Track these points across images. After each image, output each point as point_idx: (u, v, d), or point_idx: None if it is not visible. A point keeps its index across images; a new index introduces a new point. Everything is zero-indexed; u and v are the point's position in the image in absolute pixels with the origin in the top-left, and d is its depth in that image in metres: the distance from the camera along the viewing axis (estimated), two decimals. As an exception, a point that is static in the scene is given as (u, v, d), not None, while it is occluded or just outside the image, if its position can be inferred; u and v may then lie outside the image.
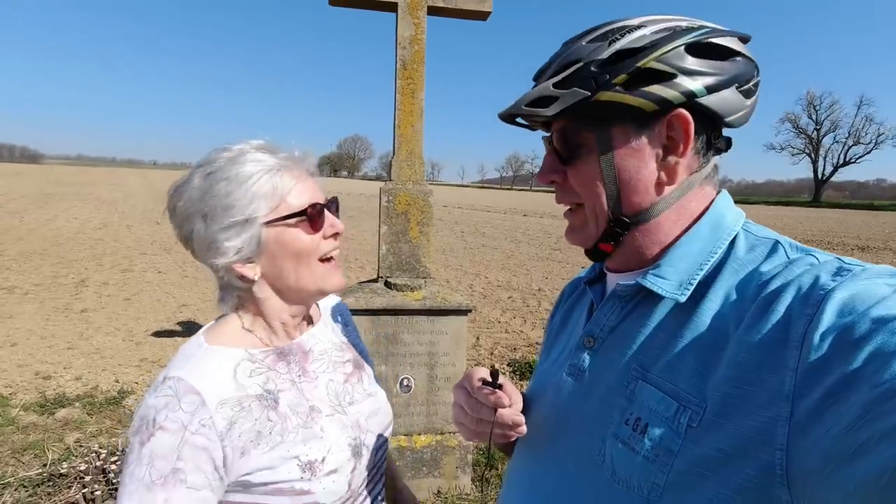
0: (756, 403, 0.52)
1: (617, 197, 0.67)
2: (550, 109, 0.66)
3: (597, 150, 0.67)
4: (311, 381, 0.91)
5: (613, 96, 0.63)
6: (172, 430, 0.72)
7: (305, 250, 0.85)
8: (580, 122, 0.67)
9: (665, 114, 0.64)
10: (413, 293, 2.85)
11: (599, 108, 0.64)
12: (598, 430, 0.67)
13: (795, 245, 0.64)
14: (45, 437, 3.49)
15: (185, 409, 0.73)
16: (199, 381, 0.76)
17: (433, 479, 2.91)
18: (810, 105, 78.26)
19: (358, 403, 0.97)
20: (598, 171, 0.67)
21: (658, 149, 0.66)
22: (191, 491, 0.71)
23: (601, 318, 0.74)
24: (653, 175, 0.67)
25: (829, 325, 0.50)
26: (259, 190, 0.80)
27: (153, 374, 4.68)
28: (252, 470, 0.78)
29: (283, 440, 0.81)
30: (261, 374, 0.84)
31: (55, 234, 12.21)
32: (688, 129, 0.64)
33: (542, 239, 16.77)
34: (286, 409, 0.84)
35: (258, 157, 0.83)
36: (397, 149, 2.98)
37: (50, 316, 6.17)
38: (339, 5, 2.98)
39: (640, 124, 0.65)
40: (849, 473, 0.43)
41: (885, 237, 20.56)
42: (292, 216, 0.83)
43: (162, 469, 0.70)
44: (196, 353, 0.82)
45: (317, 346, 0.97)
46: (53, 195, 23.45)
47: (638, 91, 0.62)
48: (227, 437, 0.75)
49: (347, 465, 0.86)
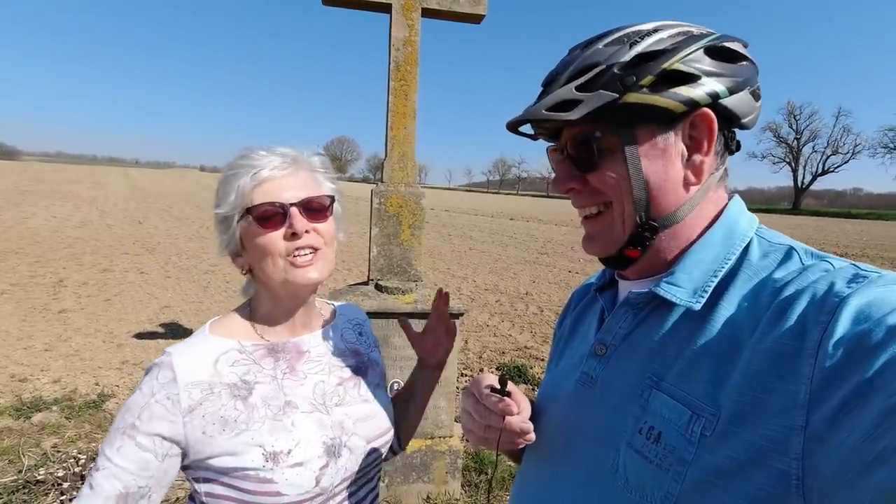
0: (771, 412, 0.51)
1: (647, 200, 0.66)
2: (574, 113, 0.64)
3: (622, 152, 0.65)
4: (297, 380, 0.95)
5: (642, 98, 0.62)
6: (144, 393, 0.84)
7: (263, 247, 0.89)
8: (601, 126, 0.66)
9: (689, 114, 0.64)
10: (404, 296, 2.83)
11: (626, 110, 0.63)
12: (611, 439, 0.66)
13: (810, 251, 0.63)
14: (21, 442, 3.38)
15: (159, 380, 0.84)
16: (180, 361, 0.86)
17: (423, 485, 2.88)
18: (791, 115, 79.96)
19: (347, 406, 0.99)
20: (626, 173, 0.66)
21: (682, 148, 0.66)
22: (136, 449, 0.81)
23: (613, 325, 0.73)
24: (679, 175, 0.66)
25: (844, 333, 0.49)
26: (234, 188, 0.88)
27: (135, 376, 4.57)
28: (217, 453, 0.84)
29: (248, 428, 0.86)
30: (243, 365, 0.91)
31: (32, 233, 11.89)
32: (712, 128, 0.65)
33: (530, 243, 16.85)
34: (258, 400, 0.89)
35: (251, 157, 0.89)
36: (389, 151, 2.96)
37: (27, 316, 6.00)
38: (332, 5, 2.96)
39: (665, 125, 0.65)
40: (866, 483, 0.43)
41: (862, 245, 21.08)
42: (245, 214, 0.88)
43: (126, 421, 0.82)
44: (195, 338, 0.92)
45: (316, 348, 1.01)
46: (31, 192, 22.87)
47: (666, 92, 0.62)
48: (189, 415, 0.83)
49: (316, 461, 0.88)
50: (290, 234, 0.89)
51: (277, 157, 0.90)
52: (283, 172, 0.90)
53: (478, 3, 2.97)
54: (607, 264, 0.75)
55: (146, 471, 0.81)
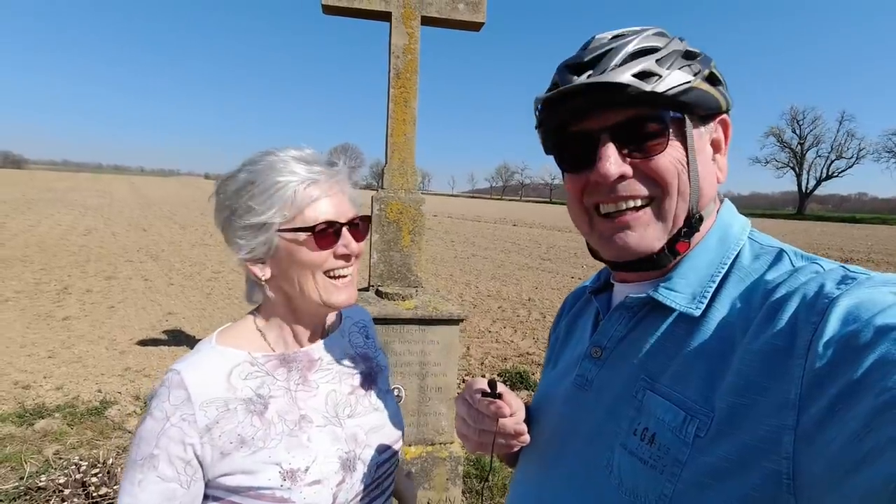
0: (762, 412, 0.52)
1: (699, 189, 0.66)
2: (660, 85, 0.60)
3: (682, 138, 0.65)
4: (309, 391, 0.91)
5: (708, 88, 0.64)
6: (157, 419, 0.78)
7: (310, 264, 0.86)
8: (657, 110, 0.63)
9: (717, 116, 0.68)
10: (404, 302, 2.83)
11: (688, 95, 0.62)
12: (606, 440, 0.66)
13: (800, 253, 0.64)
14: (23, 449, 3.39)
15: (172, 401, 0.79)
16: (191, 377, 0.80)
17: (423, 492, 2.87)
18: (794, 120, 79.89)
19: (359, 416, 0.96)
20: (685, 160, 0.65)
21: (709, 148, 0.69)
22: (159, 480, 0.76)
23: (608, 328, 0.73)
24: (713, 171, 0.70)
25: (834, 334, 0.50)
26: (280, 199, 0.83)
27: (137, 383, 4.58)
28: (231, 471, 0.80)
29: (265, 446, 0.82)
30: (257, 377, 0.86)
31: (38, 241, 11.98)
32: (727, 131, 0.70)
33: (532, 249, 16.83)
34: (273, 415, 0.85)
35: (291, 166, 0.85)
36: (389, 157, 2.98)
37: (31, 324, 6.03)
38: (333, 14, 2.99)
39: (704, 121, 0.67)
40: (855, 482, 0.43)
41: (867, 249, 20.97)
42: (302, 230, 0.84)
43: (144, 451, 0.77)
44: (202, 350, 0.87)
45: (326, 356, 0.98)
46: (37, 201, 23.05)
47: (718, 89, 0.66)
48: (207, 434, 0.78)
49: (334, 477, 0.86)
50: (342, 255, 0.88)
51: (323, 167, 0.88)
52: (334, 188, 0.89)
53: (477, 10, 2.99)
54: (634, 266, 0.69)
55: (172, 500, 0.77)
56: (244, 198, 0.84)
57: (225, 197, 0.87)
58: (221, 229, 0.90)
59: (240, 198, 0.85)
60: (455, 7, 2.95)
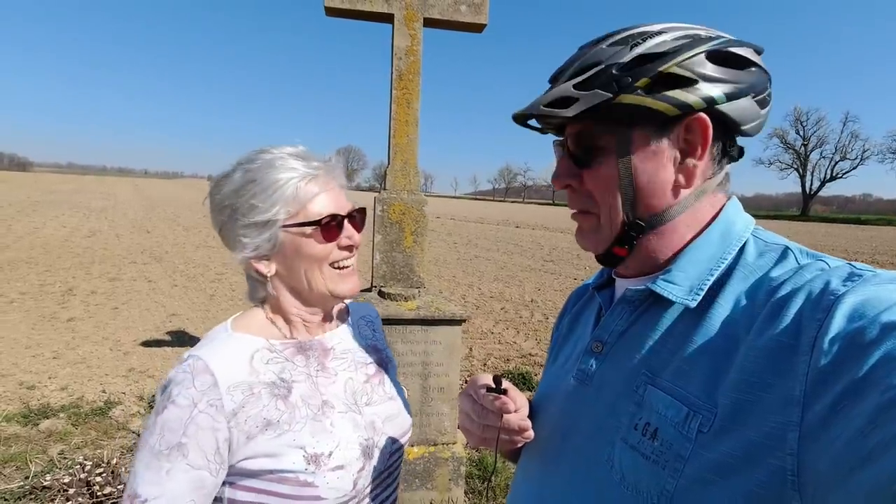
0: (767, 408, 0.52)
1: (633, 200, 0.67)
2: (570, 110, 0.65)
3: (615, 152, 0.66)
4: (328, 377, 0.93)
5: (635, 99, 0.63)
6: (182, 406, 0.76)
7: (316, 256, 0.88)
8: (599, 125, 0.67)
9: (684, 118, 0.64)
10: (407, 303, 2.84)
11: (620, 110, 0.64)
12: (607, 435, 0.66)
13: (806, 251, 0.64)
14: (28, 449, 3.40)
15: (198, 387, 0.77)
16: (216, 362, 0.80)
17: (426, 492, 2.87)
18: (797, 121, 79.52)
19: (375, 405, 0.98)
20: (616, 173, 0.67)
21: (676, 152, 0.66)
22: (189, 468, 0.75)
23: (610, 323, 0.74)
24: (670, 178, 0.67)
25: (839, 331, 0.49)
26: (282, 196, 0.84)
27: (141, 384, 4.60)
28: (254, 454, 0.79)
29: (291, 429, 0.82)
30: (278, 363, 0.87)
31: (43, 242, 12.04)
32: (706, 133, 0.64)
33: (535, 250, 16.82)
34: (297, 399, 0.86)
35: (290, 163, 0.86)
36: (392, 158, 2.99)
37: (35, 325, 6.06)
38: (336, 16, 3.00)
39: (660, 128, 0.65)
40: (860, 479, 0.42)
41: (872, 250, 20.85)
42: (308, 224, 0.86)
43: (170, 441, 0.75)
44: (219, 337, 0.87)
45: (339, 345, 1.00)
46: (42, 203, 23.17)
47: (660, 95, 0.62)
48: (233, 419, 0.78)
49: (356, 463, 0.87)
50: (346, 246, 0.90)
51: (319, 162, 0.90)
52: (331, 183, 0.91)
53: (479, 12, 3.00)
54: (599, 261, 0.76)
55: (202, 489, 0.76)
56: (245, 196, 0.84)
57: (223, 197, 0.87)
58: (220, 230, 0.90)
59: (240, 197, 0.85)
60: (457, 9, 2.96)
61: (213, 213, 0.90)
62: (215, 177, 0.90)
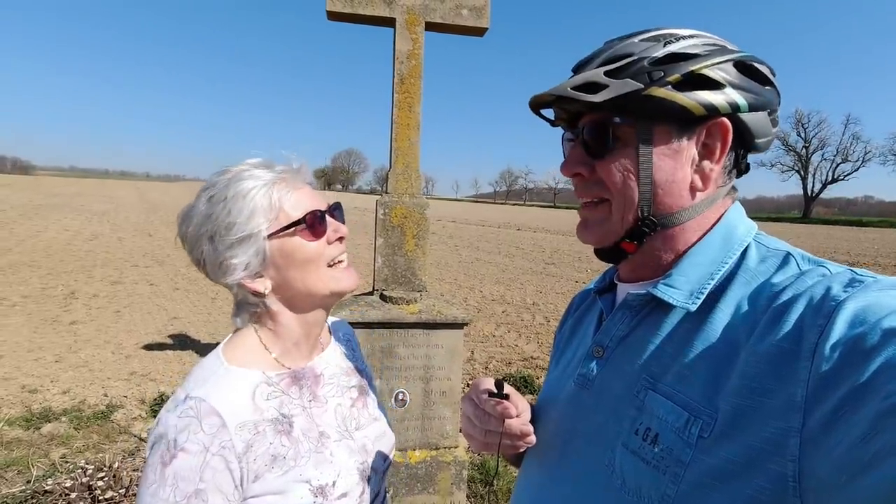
0: (768, 414, 0.52)
1: (650, 195, 0.67)
2: (598, 96, 0.65)
3: (635, 144, 0.66)
4: (320, 406, 0.92)
5: (666, 94, 0.63)
6: (194, 452, 0.73)
7: (311, 257, 0.86)
8: (620, 116, 0.66)
9: (707, 121, 0.65)
10: (409, 306, 2.84)
11: (647, 103, 0.64)
12: (607, 440, 0.66)
13: (807, 257, 0.64)
14: (30, 453, 3.41)
15: (207, 430, 0.75)
16: (220, 402, 0.77)
17: (427, 496, 2.86)
18: (799, 123, 79.54)
19: (364, 428, 0.98)
20: (635, 165, 0.67)
21: (694, 154, 0.67)
22: None
23: (611, 327, 0.74)
24: (687, 179, 0.67)
25: (841, 337, 0.50)
26: (257, 205, 0.82)
27: (143, 387, 4.60)
28: (262, 493, 0.78)
29: (297, 464, 0.82)
30: (276, 397, 0.85)
31: (45, 246, 12.07)
32: (726, 138, 0.66)
33: (536, 253, 16.81)
34: (299, 433, 0.85)
35: (255, 173, 0.84)
36: (394, 162, 2.99)
37: (38, 328, 6.07)
38: (338, 20, 3.01)
39: (682, 127, 0.66)
40: (861, 485, 0.43)
41: (874, 253, 20.80)
42: (291, 226, 0.84)
43: (186, 490, 0.72)
44: (217, 372, 0.83)
45: (327, 370, 0.98)
46: (44, 206, 23.24)
47: (689, 93, 0.63)
48: (243, 458, 0.76)
49: (356, 489, 0.88)
50: (336, 239, 0.89)
51: (283, 165, 0.89)
52: (300, 183, 0.89)
53: (481, 16, 3.01)
54: (601, 256, 0.75)
55: None
56: (220, 217, 0.81)
57: (196, 227, 0.83)
58: (203, 263, 0.85)
59: (215, 220, 0.81)
60: (459, 13, 2.97)
61: (190, 248, 0.86)
62: (180, 213, 0.87)
